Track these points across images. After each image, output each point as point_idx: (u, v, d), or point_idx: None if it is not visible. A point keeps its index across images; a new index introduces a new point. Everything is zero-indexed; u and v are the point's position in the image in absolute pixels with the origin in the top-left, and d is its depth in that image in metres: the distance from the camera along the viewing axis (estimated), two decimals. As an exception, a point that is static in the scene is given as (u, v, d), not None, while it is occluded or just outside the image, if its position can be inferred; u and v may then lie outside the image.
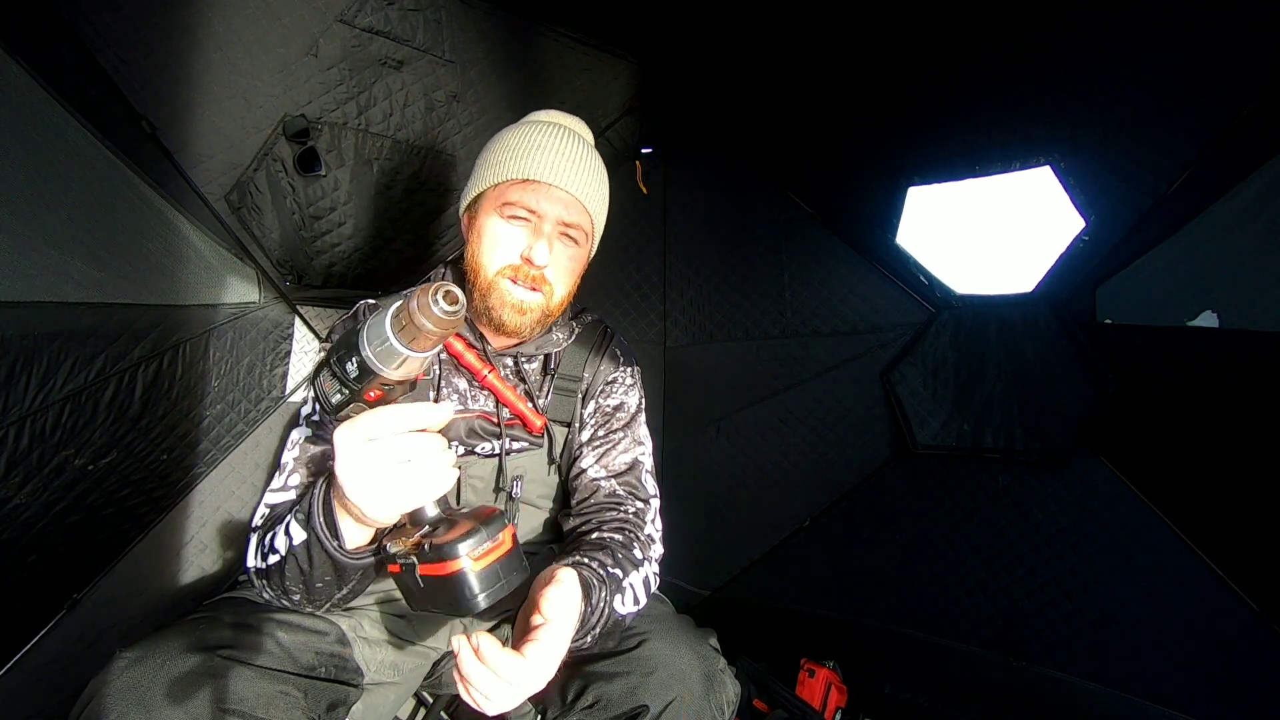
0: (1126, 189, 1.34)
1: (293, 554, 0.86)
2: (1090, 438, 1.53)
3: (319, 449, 1.04)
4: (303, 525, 0.85)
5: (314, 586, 0.88)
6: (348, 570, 0.85)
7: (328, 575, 0.86)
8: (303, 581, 0.88)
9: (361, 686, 1.01)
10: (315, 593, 0.89)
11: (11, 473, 1.00)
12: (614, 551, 1.02)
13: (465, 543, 0.70)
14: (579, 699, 0.94)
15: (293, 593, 0.91)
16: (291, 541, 0.86)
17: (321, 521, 0.82)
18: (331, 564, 0.84)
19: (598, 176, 1.12)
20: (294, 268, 1.50)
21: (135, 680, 0.78)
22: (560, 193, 1.05)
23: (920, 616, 1.76)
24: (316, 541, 0.83)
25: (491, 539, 0.71)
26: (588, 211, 1.10)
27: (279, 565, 0.89)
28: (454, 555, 0.69)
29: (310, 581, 0.87)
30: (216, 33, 1.19)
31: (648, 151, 2.12)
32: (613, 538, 1.07)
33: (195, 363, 1.32)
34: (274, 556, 0.90)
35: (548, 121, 1.12)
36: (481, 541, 0.70)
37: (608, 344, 1.28)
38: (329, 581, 0.87)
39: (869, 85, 1.64)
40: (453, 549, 0.69)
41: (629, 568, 1.01)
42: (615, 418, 1.23)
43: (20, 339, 0.96)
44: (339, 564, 0.83)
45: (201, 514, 1.42)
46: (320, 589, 0.88)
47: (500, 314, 1.06)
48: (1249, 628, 1.35)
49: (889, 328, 1.83)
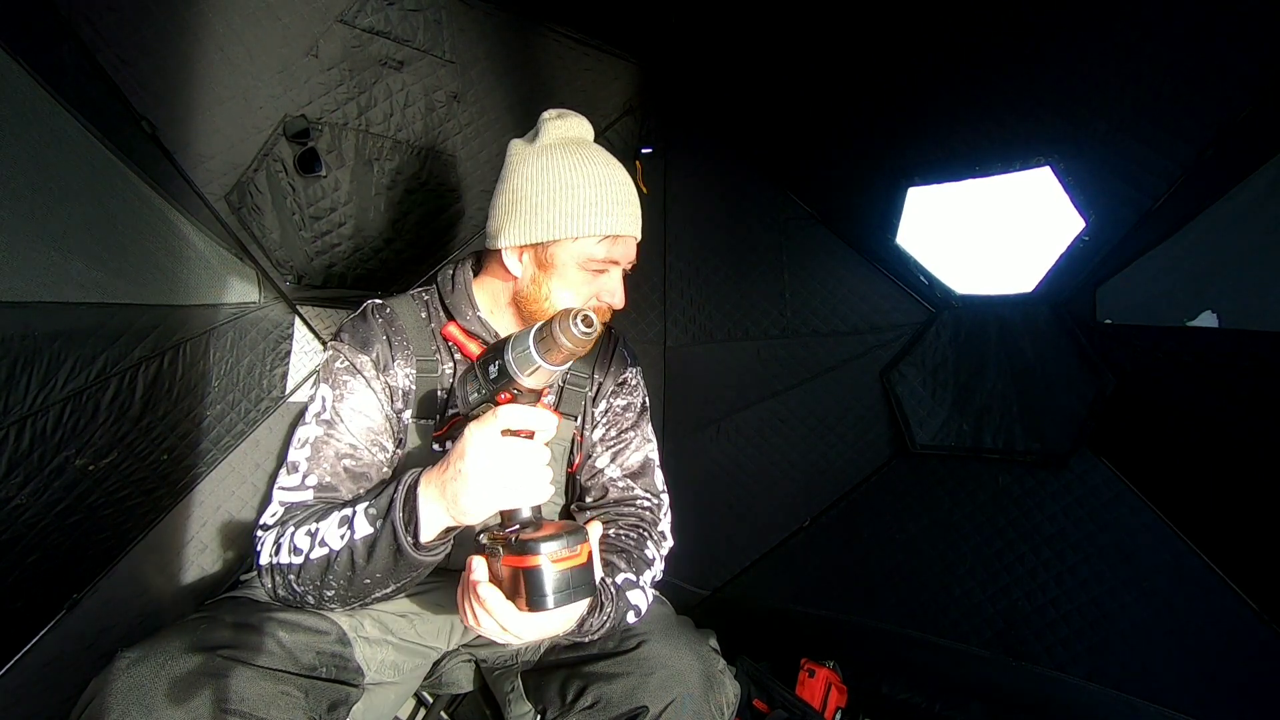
0: (1126, 189, 1.34)
1: (350, 548, 0.87)
2: (1090, 438, 1.53)
3: (334, 448, 1.05)
4: (372, 520, 0.86)
5: (357, 583, 0.88)
6: (411, 567, 0.85)
7: (381, 572, 0.86)
8: (346, 578, 0.87)
9: (362, 686, 1.01)
10: (350, 590, 0.89)
11: (12, 473, 1.00)
12: (629, 554, 1.07)
13: (548, 544, 0.77)
14: (579, 699, 0.94)
15: (318, 590, 0.90)
16: (353, 535, 0.87)
17: (401, 516, 0.84)
18: (395, 559, 0.85)
19: None
20: (294, 268, 1.50)
21: (136, 680, 0.78)
22: (634, 240, 1.15)
23: (920, 616, 1.76)
24: (390, 534, 0.84)
25: (570, 548, 0.78)
26: None
27: (318, 561, 0.89)
28: (535, 551, 0.76)
29: (355, 578, 0.87)
30: (216, 33, 1.19)
31: (648, 151, 2.12)
32: (627, 536, 1.12)
33: (195, 363, 1.32)
34: (298, 556, 0.90)
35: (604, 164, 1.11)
36: (563, 547, 0.77)
37: (615, 345, 1.32)
38: (378, 579, 0.87)
39: (869, 85, 1.64)
40: (535, 546, 0.76)
41: (642, 567, 1.07)
42: (625, 417, 1.27)
43: (20, 339, 0.96)
44: (407, 559, 0.84)
45: (201, 514, 1.42)
46: (364, 586, 0.88)
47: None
48: (1249, 628, 1.35)
49: (889, 328, 1.83)
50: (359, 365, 1.10)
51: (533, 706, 1.04)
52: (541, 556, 0.75)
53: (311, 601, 0.93)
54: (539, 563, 0.75)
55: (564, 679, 0.98)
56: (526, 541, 0.76)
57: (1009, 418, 1.65)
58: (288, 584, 0.93)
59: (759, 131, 1.96)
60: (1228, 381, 1.29)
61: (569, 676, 0.97)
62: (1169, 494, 1.45)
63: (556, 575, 0.76)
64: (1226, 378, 1.29)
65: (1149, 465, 1.48)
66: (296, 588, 0.92)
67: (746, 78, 1.86)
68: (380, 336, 1.13)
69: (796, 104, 1.81)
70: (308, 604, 0.94)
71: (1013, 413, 1.65)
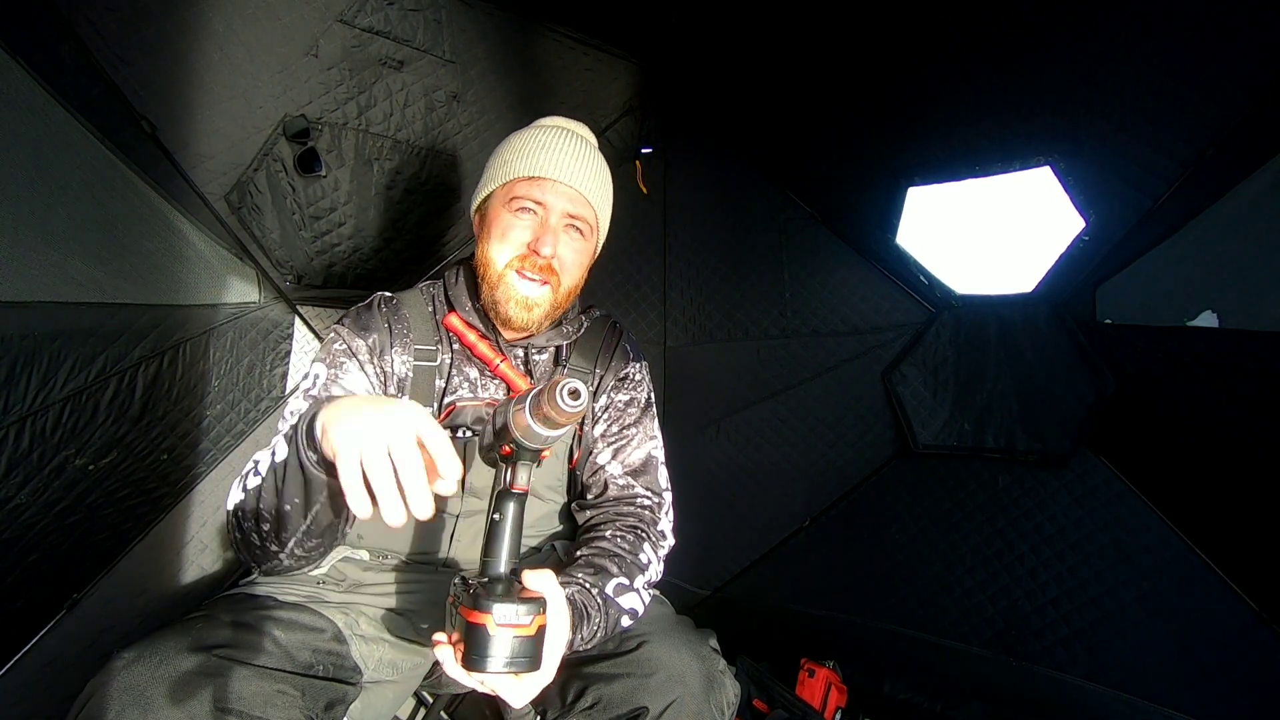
0: (1126, 189, 1.34)
1: (272, 471, 0.86)
2: (1090, 438, 1.53)
3: None
4: (287, 440, 0.85)
5: (283, 511, 0.86)
6: (313, 484, 0.83)
7: (297, 495, 0.84)
8: (274, 508, 0.87)
9: (360, 685, 1.01)
10: (285, 522, 0.87)
11: (12, 473, 1.01)
12: (623, 559, 1.05)
13: (501, 606, 0.75)
14: (579, 700, 0.94)
15: (257, 527, 0.89)
16: (274, 458, 0.86)
17: (303, 430, 0.81)
18: (301, 475, 0.82)
19: (601, 173, 1.18)
20: (294, 268, 1.50)
21: (133, 680, 0.78)
22: (564, 187, 1.12)
23: (920, 616, 1.76)
24: (294, 452, 0.82)
25: (521, 617, 0.76)
26: (591, 205, 1.16)
27: (255, 491, 0.89)
28: (486, 610, 0.75)
29: (281, 503, 0.86)
30: (216, 33, 1.19)
31: (648, 151, 2.12)
32: (623, 538, 1.10)
33: (195, 363, 1.32)
34: (244, 493, 0.91)
35: (553, 125, 1.19)
36: (514, 614, 0.76)
37: (618, 340, 1.31)
38: (296, 505, 0.85)
39: (869, 85, 1.64)
40: (487, 604, 0.75)
41: (635, 572, 1.05)
42: (627, 413, 1.26)
43: (20, 339, 0.96)
44: (307, 474, 0.82)
45: (201, 514, 1.42)
46: (288, 514, 0.86)
47: (507, 309, 1.11)
48: (1249, 628, 1.35)
49: (889, 328, 1.83)
50: (354, 349, 1.12)
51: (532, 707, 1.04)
52: (489, 617, 0.75)
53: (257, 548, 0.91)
54: (485, 622, 0.75)
55: (564, 679, 0.97)
56: (480, 598, 0.76)
57: (1009, 418, 1.65)
58: (242, 528, 0.92)
59: (759, 131, 1.96)
60: (1228, 381, 1.29)
61: (569, 677, 0.97)
62: (1169, 494, 1.45)
63: (498, 640, 0.75)
64: (1226, 378, 1.29)
65: (1149, 465, 1.48)
66: (251, 523, 0.90)
67: (746, 78, 1.86)
68: (381, 324, 1.16)
69: (796, 104, 1.81)
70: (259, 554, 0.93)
71: (1013, 413, 1.65)
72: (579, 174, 1.13)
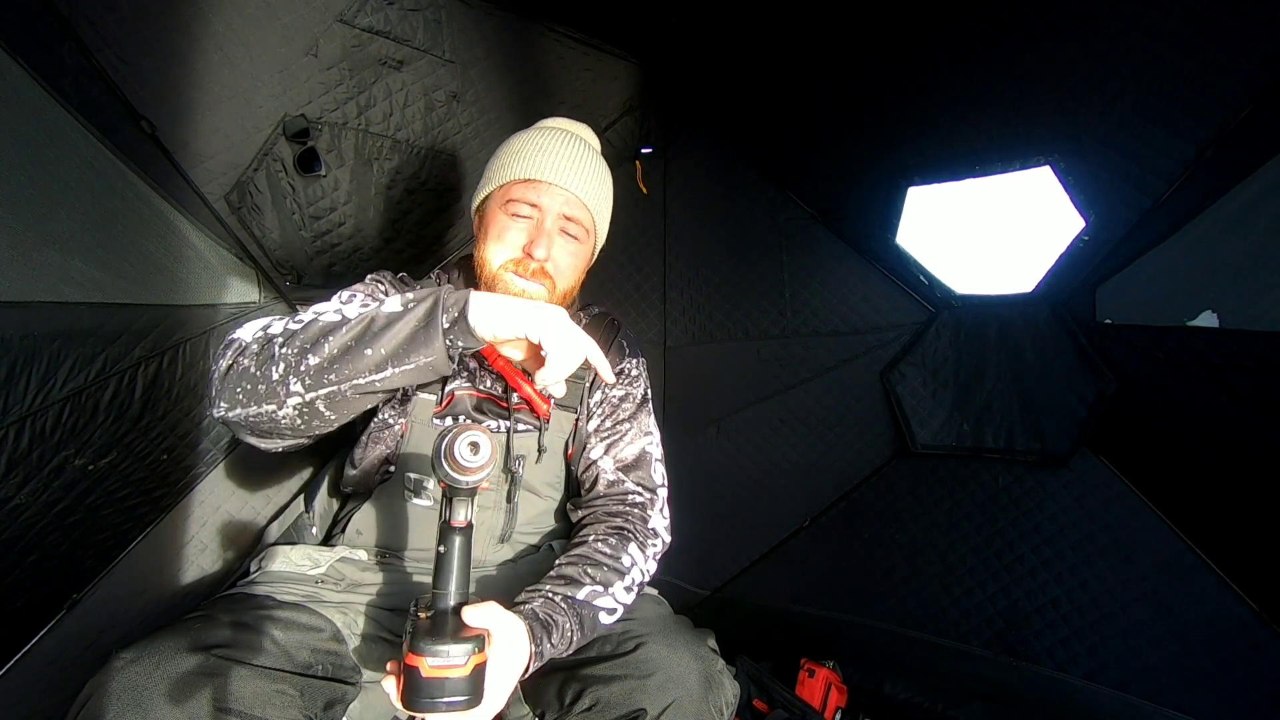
0: (1126, 189, 1.34)
1: (372, 316, 0.86)
2: (1090, 438, 1.53)
3: None
4: (404, 303, 0.87)
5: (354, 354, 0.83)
6: (424, 343, 0.84)
7: (388, 347, 0.83)
8: (345, 346, 0.84)
9: (359, 685, 1.01)
10: (340, 360, 0.84)
11: (11, 473, 1.01)
12: (601, 566, 1.04)
13: (434, 647, 0.75)
14: (576, 702, 0.94)
15: (299, 355, 0.84)
16: (380, 308, 0.87)
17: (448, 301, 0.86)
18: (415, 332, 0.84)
19: (599, 176, 1.18)
20: (294, 268, 1.50)
21: (132, 680, 0.78)
22: (560, 190, 1.12)
23: (920, 616, 1.76)
24: (428, 306, 0.85)
25: (453, 659, 0.76)
26: (587, 208, 1.16)
27: (324, 325, 0.86)
28: (419, 652, 0.75)
29: (356, 348, 0.83)
30: (216, 33, 1.19)
31: (648, 151, 2.12)
32: (604, 542, 1.08)
33: (195, 363, 1.32)
34: (299, 324, 0.88)
35: (554, 127, 1.20)
36: (444, 657, 0.75)
37: (615, 335, 1.32)
38: (380, 355, 0.84)
39: (869, 85, 1.64)
40: (419, 646, 0.75)
41: (613, 578, 1.03)
42: (621, 408, 1.26)
43: (20, 339, 0.96)
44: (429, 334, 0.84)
45: (201, 514, 1.42)
46: (359, 358, 0.84)
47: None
48: (1249, 628, 1.35)
49: (889, 328, 1.83)
50: (378, 288, 1.16)
51: (531, 709, 1.04)
52: (423, 660, 0.75)
53: (276, 373, 0.85)
54: (419, 664, 0.75)
55: (562, 681, 0.97)
56: (416, 638, 0.76)
57: (1009, 418, 1.65)
58: (266, 349, 0.86)
59: (759, 131, 1.96)
60: (1228, 381, 1.28)
61: (567, 679, 0.97)
62: (1169, 494, 1.45)
63: (432, 683, 0.75)
64: (1226, 378, 1.28)
65: (1149, 465, 1.48)
66: (278, 349, 0.85)
67: (746, 78, 1.86)
68: (398, 288, 1.19)
69: (797, 104, 1.81)
70: (257, 393, 0.86)
71: (1013, 413, 1.64)
72: (575, 177, 1.13)
